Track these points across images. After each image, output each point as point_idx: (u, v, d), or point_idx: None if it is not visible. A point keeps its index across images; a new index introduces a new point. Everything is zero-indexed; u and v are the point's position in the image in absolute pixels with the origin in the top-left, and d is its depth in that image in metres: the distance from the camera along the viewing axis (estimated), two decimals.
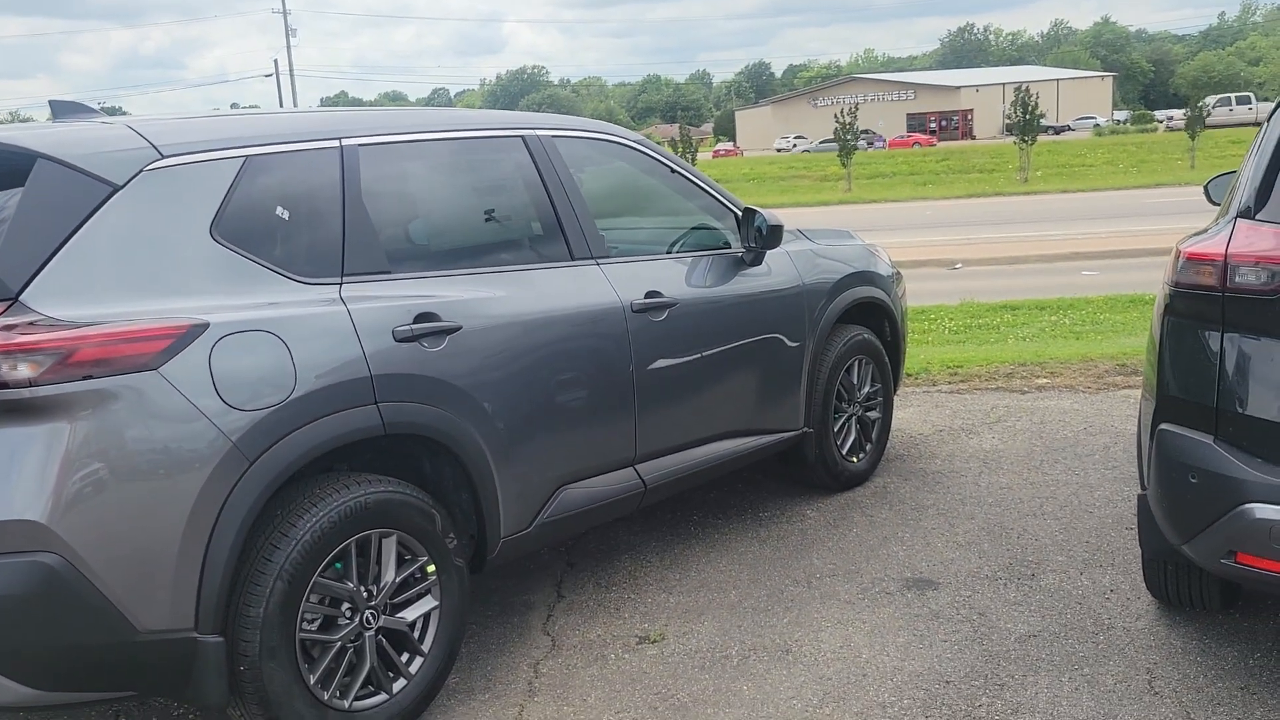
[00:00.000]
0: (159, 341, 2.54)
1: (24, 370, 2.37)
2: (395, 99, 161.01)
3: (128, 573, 2.49)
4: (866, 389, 5.07)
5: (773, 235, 4.29)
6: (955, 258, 16.78)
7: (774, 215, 4.32)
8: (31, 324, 2.41)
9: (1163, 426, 2.96)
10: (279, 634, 2.73)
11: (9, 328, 2.39)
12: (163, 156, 2.76)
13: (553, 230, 3.69)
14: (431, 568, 3.12)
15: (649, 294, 3.84)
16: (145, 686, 2.66)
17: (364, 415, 2.91)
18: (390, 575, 3.02)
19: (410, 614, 3.09)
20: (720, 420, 4.22)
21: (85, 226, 2.57)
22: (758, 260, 4.39)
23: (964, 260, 16.67)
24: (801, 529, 4.53)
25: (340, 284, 2.99)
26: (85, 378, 2.44)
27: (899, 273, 5.45)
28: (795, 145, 72.33)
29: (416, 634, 3.12)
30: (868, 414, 5.11)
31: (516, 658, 3.52)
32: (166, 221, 2.71)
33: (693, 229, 4.44)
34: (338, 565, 2.90)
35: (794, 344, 4.52)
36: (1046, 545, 4.19)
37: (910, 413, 6.22)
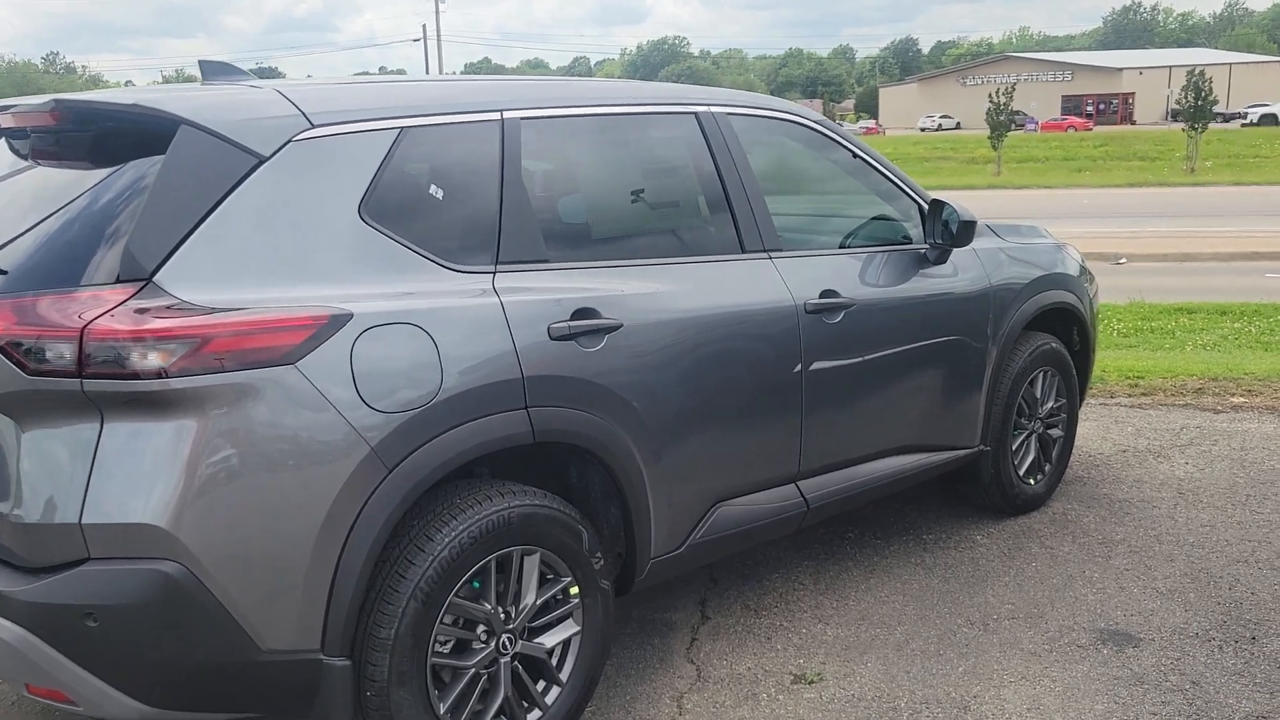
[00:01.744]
0: (299, 333, 2.28)
1: (154, 360, 2.14)
2: (536, 67, 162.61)
3: (253, 587, 2.25)
4: (1050, 404, 4.57)
5: (963, 232, 3.83)
6: (1118, 251, 15.73)
7: (965, 209, 3.86)
8: (167, 308, 2.18)
9: None
10: (410, 658, 2.47)
11: (142, 311, 2.16)
12: (313, 126, 2.49)
13: (724, 219, 3.32)
14: (575, 589, 2.83)
15: (824, 293, 3.45)
16: (266, 708, 2.42)
17: (513, 421, 2.62)
18: (531, 597, 2.73)
19: (550, 639, 2.80)
20: (892, 435, 3.81)
21: (226, 202, 2.32)
22: (942, 258, 3.94)
23: (1128, 255, 15.62)
24: (972, 558, 4.09)
25: (494, 273, 2.69)
26: (218, 370, 2.19)
27: (1089, 272, 4.90)
28: (940, 125, 70.02)
29: (555, 661, 2.83)
30: (1049, 431, 4.61)
31: (658, 687, 3.21)
32: (313, 198, 2.45)
33: (872, 220, 4.01)
34: (475, 584, 2.62)
35: (976, 353, 4.06)
36: (1266, 601, 3.65)
37: (1088, 428, 5.65)
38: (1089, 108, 73.55)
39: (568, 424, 2.74)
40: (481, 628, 2.65)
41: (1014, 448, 4.40)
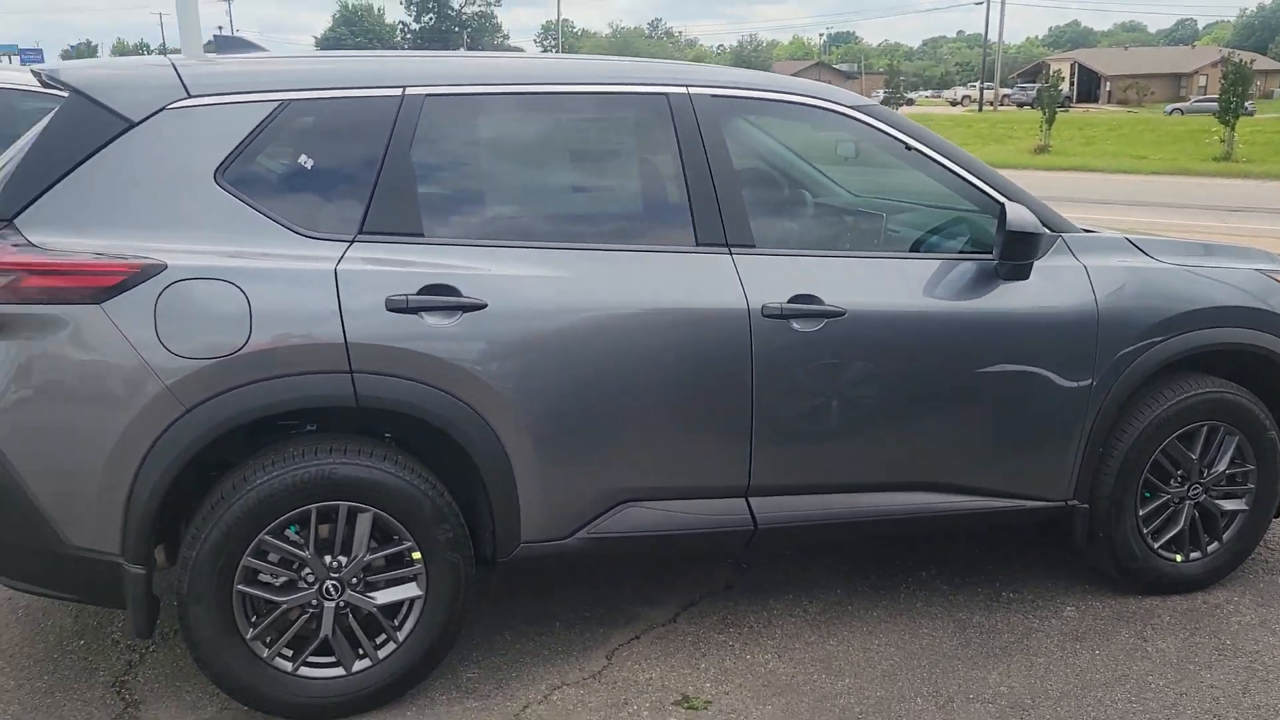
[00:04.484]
0: (109, 278, 2.62)
1: None
2: (1131, 30, 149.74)
3: (54, 490, 2.66)
4: (1221, 467, 3.63)
5: (1015, 245, 3.18)
6: None
7: (1034, 222, 3.19)
8: (13, 246, 2.63)
9: None
10: (208, 581, 2.74)
11: None
12: (190, 95, 2.79)
13: (677, 209, 3.11)
14: (417, 554, 2.90)
15: (797, 298, 3.09)
16: (82, 594, 2.86)
17: (334, 383, 2.75)
18: (360, 552, 2.87)
19: (383, 597, 2.92)
20: (905, 467, 3.32)
21: (91, 160, 2.71)
22: (1019, 273, 3.29)
23: None
24: (1025, 629, 3.44)
25: (351, 243, 2.82)
26: (36, 301, 2.60)
27: None
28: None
29: (395, 620, 2.94)
30: (1220, 502, 3.66)
31: (553, 672, 3.18)
32: (173, 162, 2.76)
33: (921, 222, 3.47)
34: (292, 529, 2.81)
35: (1061, 390, 3.36)
36: None
37: None
38: None
39: (403, 394, 2.80)
40: (305, 570, 2.84)
41: (1142, 511, 3.57)
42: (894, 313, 3.20)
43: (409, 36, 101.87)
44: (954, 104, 77.10)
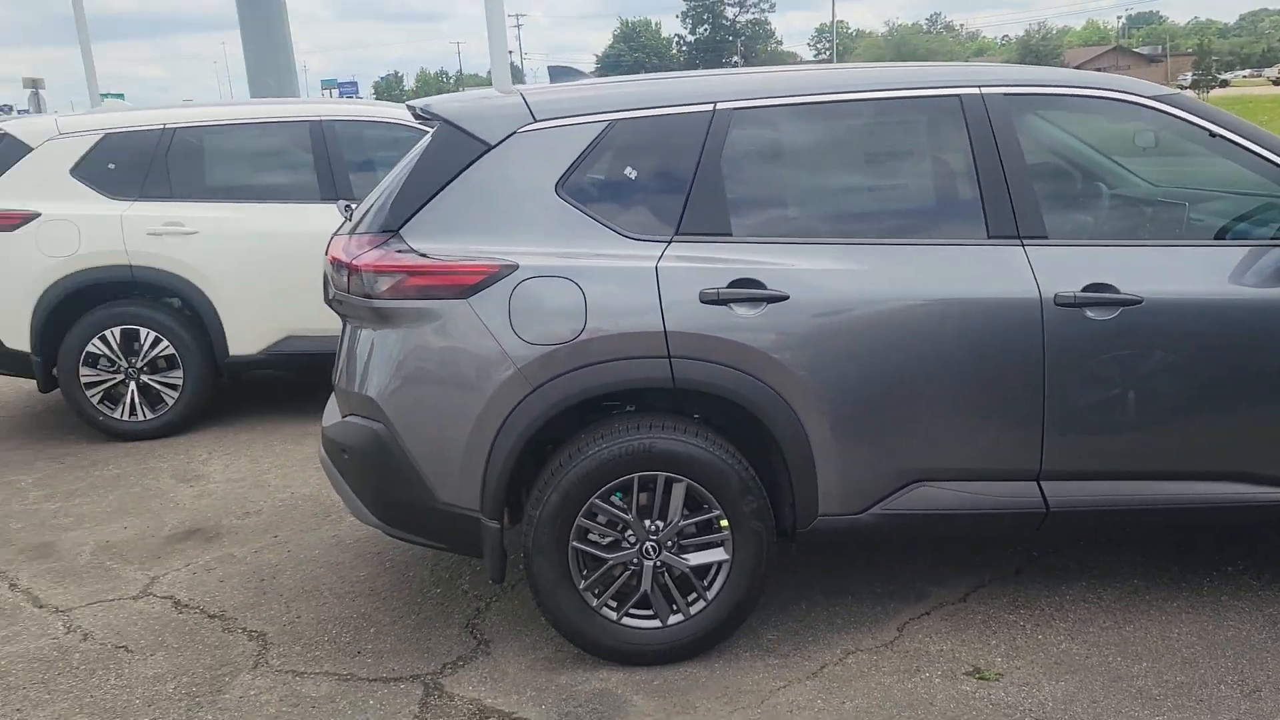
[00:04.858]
0: (473, 276, 3.12)
1: (382, 285, 3.17)
2: None
3: (429, 452, 3.18)
4: None
5: None
6: None
7: None
8: (398, 252, 3.18)
9: None
10: (549, 536, 3.19)
11: (382, 253, 3.19)
12: (535, 120, 3.26)
13: (968, 205, 3.27)
14: (725, 522, 3.23)
15: (1091, 286, 3.17)
16: (448, 544, 3.38)
17: (653, 366, 3.12)
18: (675, 518, 3.22)
19: (695, 559, 3.25)
20: (1211, 455, 3.30)
21: (459, 178, 3.22)
22: None
23: None
24: None
25: (669, 243, 3.18)
26: (416, 297, 3.14)
27: None
28: None
29: (704, 580, 3.27)
30: None
31: (847, 638, 3.42)
32: (522, 177, 3.22)
33: (1229, 211, 3.42)
34: (618, 495, 3.21)
35: None
36: None
37: None
38: None
39: (712, 377, 3.14)
40: (629, 531, 3.24)
41: None
42: (1196, 300, 3.20)
43: (684, 48, 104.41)
44: (1276, 82, 69.91)
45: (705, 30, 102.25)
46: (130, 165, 5.89)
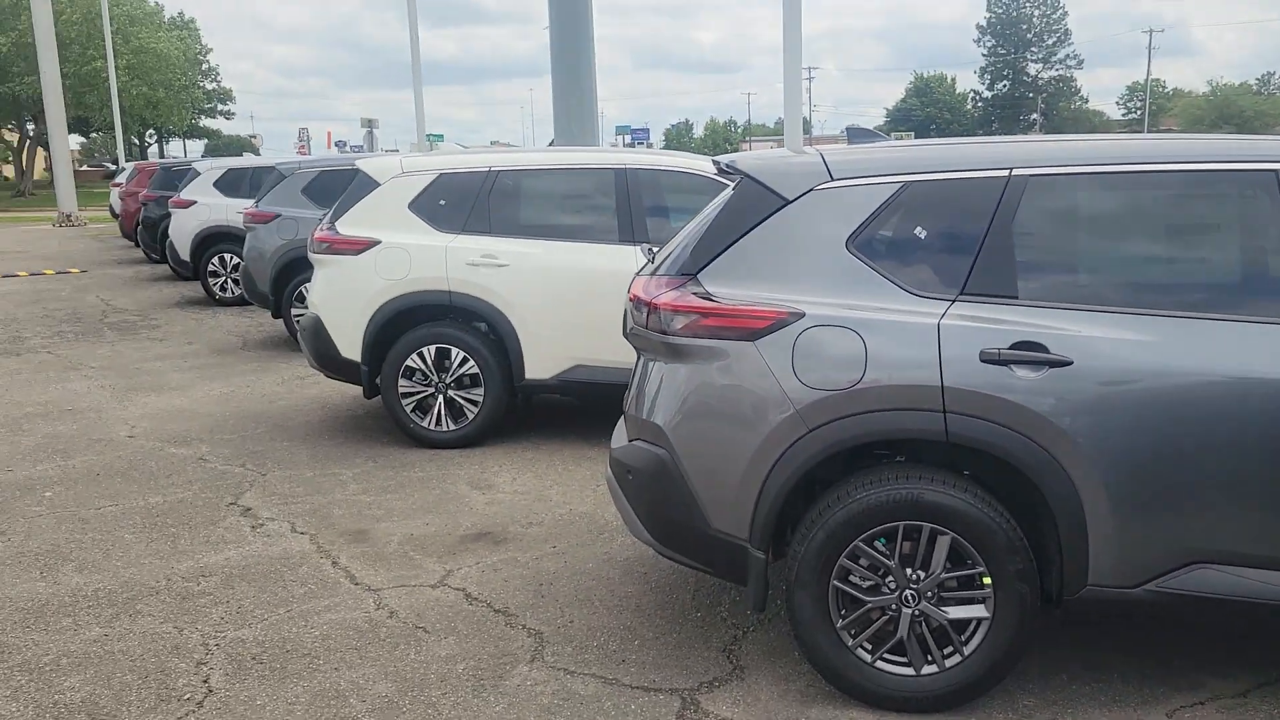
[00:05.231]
0: (761, 321, 3.34)
1: (677, 323, 3.46)
2: None
3: (707, 481, 3.42)
4: None
5: None
6: None
7: None
8: (694, 294, 3.47)
9: None
10: (812, 573, 3.34)
11: (679, 294, 3.48)
12: (832, 179, 3.46)
13: (1275, 283, 3.17)
14: (988, 580, 3.26)
15: None
16: (716, 570, 3.58)
17: (928, 419, 3.22)
18: (938, 570, 3.28)
19: (955, 612, 3.30)
20: None
21: (755, 230, 3.47)
22: None
23: None
24: None
25: (953, 301, 3.28)
26: (709, 337, 3.40)
27: None
28: None
29: (962, 635, 3.31)
30: None
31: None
32: (814, 232, 3.43)
33: None
34: (881, 540, 3.32)
35: None
36: None
37: None
38: None
39: (987, 435, 3.19)
40: (889, 577, 3.34)
41: None
42: None
43: (979, 105, 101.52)
44: None
45: (1004, 86, 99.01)
46: (457, 202, 6.61)
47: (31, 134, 58.45)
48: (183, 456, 6.60)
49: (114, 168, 71.37)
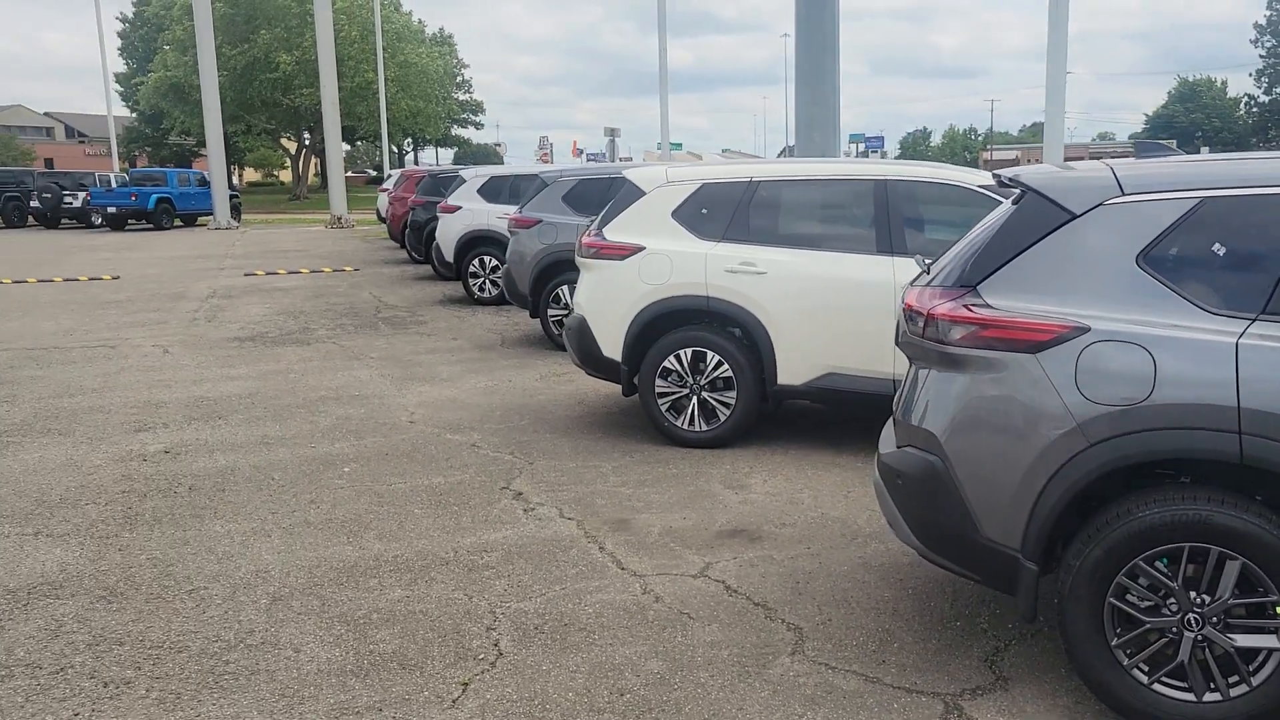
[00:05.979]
0: (1044, 334, 3.36)
1: (956, 334, 3.53)
2: None
3: (980, 488, 3.46)
4: None
5: None
6: None
7: None
8: (973, 304, 3.53)
9: None
10: (1087, 587, 3.32)
11: (957, 306, 3.55)
12: (1123, 193, 3.43)
13: None
14: None
15: None
16: (983, 579, 3.60)
17: (1220, 439, 3.14)
18: (1224, 595, 3.20)
19: (1242, 640, 3.20)
20: None
21: (1040, 243, 3.49)
22: None
23: None
24: None
25: (1254, 320, 3.19)
26: (988, 348, 3.45)
27: None
28: None
29: (1251, 665, 3.21)
30: None
31: None
32: (1103, 246, 3.41)
33: None
34: (1163, 560, 3.27)
35: None
36: None
37: None
38: None
39: None
40: (1170, 599, 3.28)
41: None
42: None
43: (1254, 110, 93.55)
44: None
45: None
46: (718, 211, 6.85)
47: (307, 143, 63.98)
48: (458, 442, 7.17)
49: (374, 174, 76.88)
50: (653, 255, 6.88)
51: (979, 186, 6.52)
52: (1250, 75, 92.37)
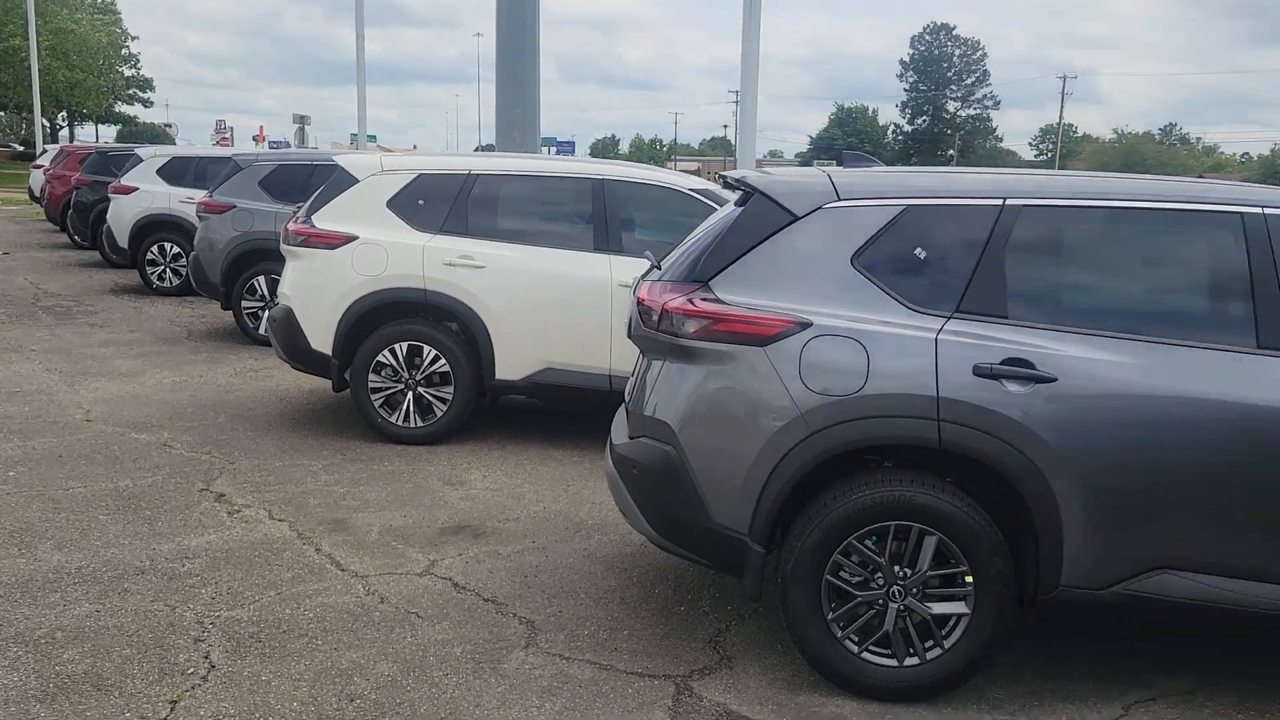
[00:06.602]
0: (771, 328, 3.56)
1: (689, 327, 3.65)
2: None
3: (710, 477, 3.61)
4: None
5: None
6: None
7: None
8: (704, 299, 3.67)
9: None
10: (807, 568, 3.55)
11: (690, 300, 3.68)
12: (839, 199, 3.70)
13: (1240, 316, 3.49)
14: (970, 579, 3.51)
15: None
16: (713, 564, 3.78)
17: (922, 426, 3.46)
18: (924, 567, 3.52)
19: (937, 608, 3.55)
20: None
21: (765, 243, 3.69)
22: None
23: None
24: None
25: (949, 318, 3.54)
26: (719, 341, 3.61)
27: None
28: None
29: (943, 630, 3.56)
30: None
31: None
32: (822, 247, 3.66)
33: None
34: (873, 538, 3.55)
35: None
36: None
37: None
38: None
39: (975, 443, 3.44)
40: (878, 573, 3.57)
41: None
42: None
43: (899, 138, 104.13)
44: None
45: (924, 121, 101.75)
46: (435, 202, 6.71)
47: None
48: (146, 442, 6.57)
49: (22, 149, 68.71)
50: (366, 245, 6.63)
51: (690, 190, 6.80)
52: (896, 106, 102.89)
